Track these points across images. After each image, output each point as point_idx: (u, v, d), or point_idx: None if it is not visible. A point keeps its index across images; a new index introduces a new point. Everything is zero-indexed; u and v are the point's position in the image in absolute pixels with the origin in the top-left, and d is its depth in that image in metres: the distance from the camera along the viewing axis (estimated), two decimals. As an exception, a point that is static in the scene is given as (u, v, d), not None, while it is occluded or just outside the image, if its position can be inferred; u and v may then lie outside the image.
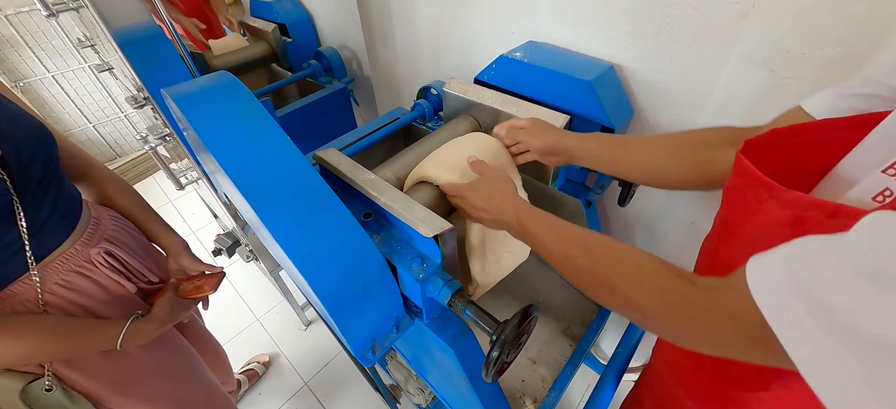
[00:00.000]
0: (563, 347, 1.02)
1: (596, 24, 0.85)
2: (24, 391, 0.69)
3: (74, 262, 0.72)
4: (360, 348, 0.59)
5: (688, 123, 0.82)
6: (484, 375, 0.50)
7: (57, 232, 0.71)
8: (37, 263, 0.67)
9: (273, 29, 1.56)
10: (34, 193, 0.66)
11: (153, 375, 0.86)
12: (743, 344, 0.31)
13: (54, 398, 0.71)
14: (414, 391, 1.09)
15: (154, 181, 2.82)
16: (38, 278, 0.67)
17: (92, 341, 0.70)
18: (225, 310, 1.91)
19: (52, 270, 0.70)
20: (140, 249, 0.86)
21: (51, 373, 0.71)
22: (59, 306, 0.71)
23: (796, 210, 0.33)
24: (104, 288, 0.76)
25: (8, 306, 0.66)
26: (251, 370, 1.61)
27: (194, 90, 0.58)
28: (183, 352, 0.97)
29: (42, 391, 0.70)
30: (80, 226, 0.75)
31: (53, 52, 2.33)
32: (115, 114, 2.68)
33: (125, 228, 0.85)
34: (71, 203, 0.74)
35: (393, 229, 0.63)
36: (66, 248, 0.72)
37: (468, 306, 0.54)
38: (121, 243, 0.81)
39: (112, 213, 0.85)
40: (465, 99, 0.86)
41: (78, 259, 0.73)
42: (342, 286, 0.51)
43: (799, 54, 0.63)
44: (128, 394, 0.82)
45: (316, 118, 1.47)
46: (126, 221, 0.87)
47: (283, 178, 0.52)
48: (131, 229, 0.86)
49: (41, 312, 0.68)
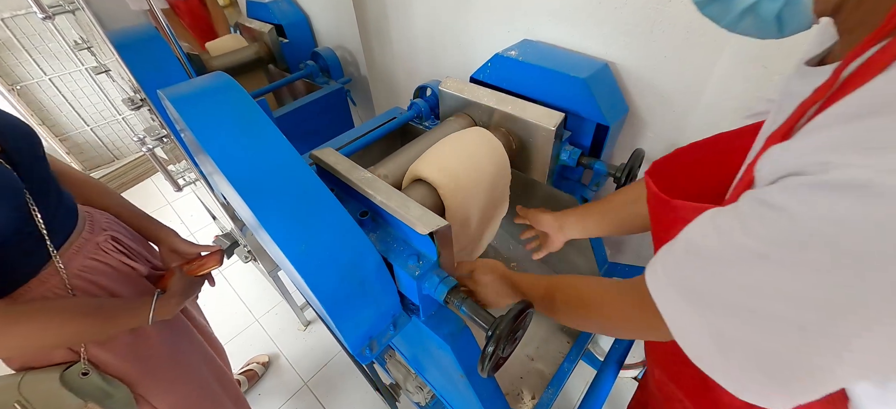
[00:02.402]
0: (560, 343, 1.02)
1: (590, 22, 0.86)
2: (62, 377, 0.71)
3: (87, 249, 0.75)
4: (358, 345, 0.59)
5: (682, 119, 0.83)
6: (479, 370, 0.51)
7: (67, 223, 0.73)
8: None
9: (269, 30, 1.56)
10: (39, 189, 0.68)
11: (172, 361, 0.89)
12: (655, 322, 0.38)
13: (92, 383, 0.74)
14: (413, 390, 1.10)
15: (152, 183, 2.82)
16: (61, 265, 0.69)
17: (127, 317, 0.73)
18: (224, 311, 1.91)
19: (69, 258, 0.72)
20: (137, 244, 0.88)
21: (86, 358, 0.73)
22: (85, 289, 0.73)
23: (686, 214, 0.41)
24: (117, 271, 0.79)
25: (39, 294, 0.68)
26: (250, 371, 1.61)
27: (191, 91, 0.58)
28: (195, 341, 1.00)
29: (79, 376, 0.73)
30: (79, 221, 0.77)
31: (50, 55, 2.32)
32: (112, 116, 2.68)
33: (116, 221, 0.87)
34: (68, 200, 0.77)
35: (389, 227, 0.63)
36: (76, 238, 0.74)
37: (464, 303, 0.55)
38: (119, 231, 0.84)
39: (100, 210, 0.87)
40: (461, 98, 0.87)
41: (89, 246, 0.75)
42: (339, 285, 0.51)
43: (790, 50, 0.64)
44: (157, 377, 0.85)
45: (313, 118, 1.47)
46: (113, 217, 0.89)
47: (279, 178, 0.52)
48: (121, 223, 0.89)
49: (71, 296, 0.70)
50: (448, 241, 0.58)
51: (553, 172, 0.84)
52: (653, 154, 0.92)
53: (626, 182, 0.78)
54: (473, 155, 0.73)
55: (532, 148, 0.81)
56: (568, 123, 0.85)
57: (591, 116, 0.81)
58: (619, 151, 0.98)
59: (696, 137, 0.83)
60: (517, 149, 0.83)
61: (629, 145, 0.95)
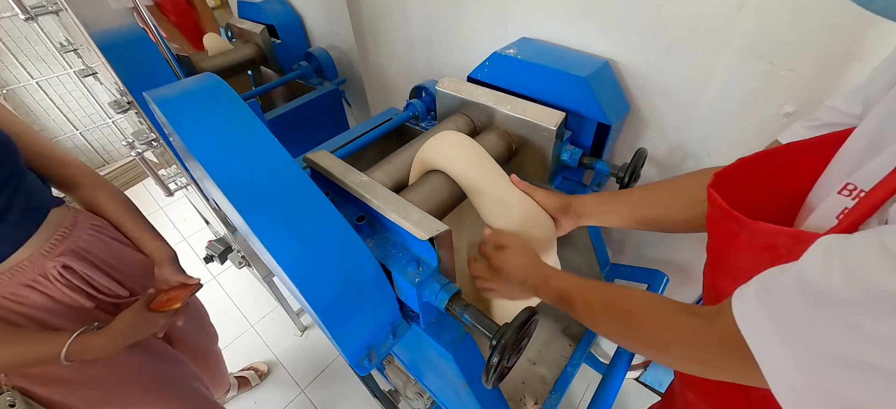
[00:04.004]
0: (562, 347, 1.01)
1: (590, 19, 0.84)
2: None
3: (27, 275, 0.70)
4: (356, 356, 0.57)
5: (685, 116, 0.82)
6: (484, 382, 0.49)
7: (5, 243, 0.68)
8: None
9: (261, 30, 1.54)
10: None
11: (137, 386, 0.83)
12: (736, 366, 0.33)
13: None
14: (412, 396, 1.08)
15: (144, 188, 2.77)
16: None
17: (33, 349, 0.67)
18: (218, 317, 1.87)
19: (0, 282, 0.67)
20: (114, 260, 0.83)
21: (11, 386, 0.69)
22: (6, 318, 0.69)
23: (767, 238, 0.36)
24: (58, 302, 0.74)
25: None
26: (243, 378, 1.58)
27: (177, 93, 0.56)
28: (170, 361, 0.94)
29: (5, 407, 0.68)
30: (42, 234, 0.72)
31: (37, 59, 2.28)
32: (101, 120, 2.63)
33: (104, 237, 0.82)
34: (29, 212, 0.71)
35: (387, 232, 0.61)
36: (20, 258, 0.69)
37: (466, 310, 0.53)
38: (89, 255, 0.78)
39: (96, 221, 0.82)
40: (459, 98, 0.85)
41: (31, 272, 0.70)
42: (335, 293, 0.49)
43: (797, 46, 0.62)
44: (109, 404, 0.80)
45: (307, 121, 1.45)
46: (109, 229, 0.84)
47: (271, 182, 0.50)
48: (112, 238, 0.84)
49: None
50: (448, 245, 0.56)
51: (554, 172, 0.82)
52: (655, 153, 0.91)
53: (629, 182, 0.76)
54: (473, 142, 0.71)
55: (532, 148, 0.79)
56: (569, 122, 0.83)
57: (593, 115, 0.80)
58: (620, 151, 0.96)
59: (699, 136, 0.83)
60: (517, 149, 0.81)
61: (631, 145, 0.94)
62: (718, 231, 0.45)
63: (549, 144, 0.76)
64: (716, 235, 0.46)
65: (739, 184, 0.45)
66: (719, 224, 0.44)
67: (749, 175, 0.46)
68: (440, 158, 0.69)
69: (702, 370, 0.39)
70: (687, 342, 0.39)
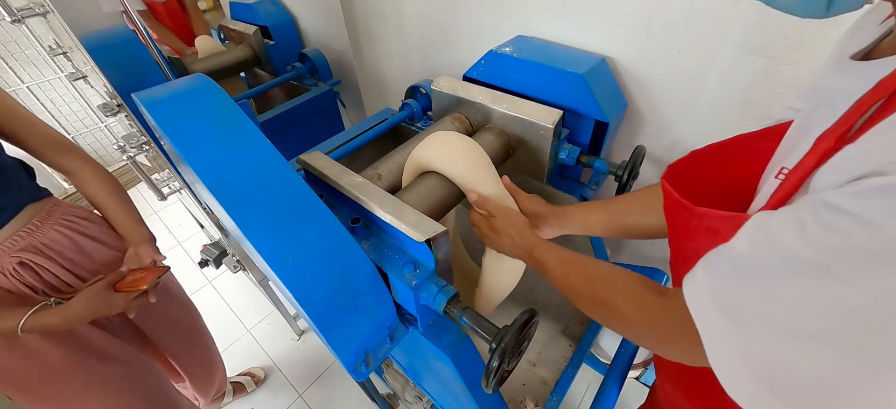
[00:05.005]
0: (562, 347, 1.00)
1: (586, 16, 0.83)
2: None
3: None
4: (352, 361, 0.56)
5: (683, 113, 0.81)
6: (484, 386, 0.48)
7: None
8: None
9: (254, 31, 1.52)
10: None
11: (75, 383, 0.84)
12: (692, 343, 0.34)
13: None
14: (411, 400, 1.06)
15: (137, 192, 2.74)
16: None
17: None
18: (214, 322, 1.85)
19: None
20: (77, 256, 0.83)
21: None
22: None
23: (712, 223, 0.38)
24: (13, 294, 0.76)
25: None
26: (238, 384, 1.56)
27: (166, 94, 0.54)
28: (122, 362, 0.91)
29: None
30: (7, 230, 0.75)
31: (27, 63, 2.24)
32: (94, 124, 2.60)
33: (72, 233, 0.83)
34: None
35: (383, 235, 0.60)
36: None
37: (465, 313, 0.51)
38: (50, 251, 0.79)
39: (71, 215, 0.83)
40: (455, 97, 0.84)
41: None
42: (330, 297, 0.48)
43: (796, 40, 0.62)
44: (39, 401, 0.80)
45: (302, 122, 1.43)
46: (82, 225, 0.85)
47: (262, 184, 0.48)
48: (82, 233, 0.84)
49: None
50: (446, 247, 0.55)
51: (552, 171, 0.81)
52: (653, 150, 0.90)
53: (628, 180, 0.75)
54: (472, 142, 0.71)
55: (529, 147, 0.78)
56: (566, 120, 0.82)
57: (590, 113, 0.79)
58: (618, 149, 0.95)
59: (697, 132, 0.82)
60: (514, 148, 0.80)
61: (628, 142, 0.93)
62: (674, 220, 0.47)
63: (546, 142, 0.75)
64: (672, 224, 0.48)
65: (694, 175, 0.48)
66: (673, 213, 0.46)
67: (702, 166, 0.48)
68: (434, 157, 0.68)
69: (663, 348, 0.41)
70: (649, 321, 0.42)
